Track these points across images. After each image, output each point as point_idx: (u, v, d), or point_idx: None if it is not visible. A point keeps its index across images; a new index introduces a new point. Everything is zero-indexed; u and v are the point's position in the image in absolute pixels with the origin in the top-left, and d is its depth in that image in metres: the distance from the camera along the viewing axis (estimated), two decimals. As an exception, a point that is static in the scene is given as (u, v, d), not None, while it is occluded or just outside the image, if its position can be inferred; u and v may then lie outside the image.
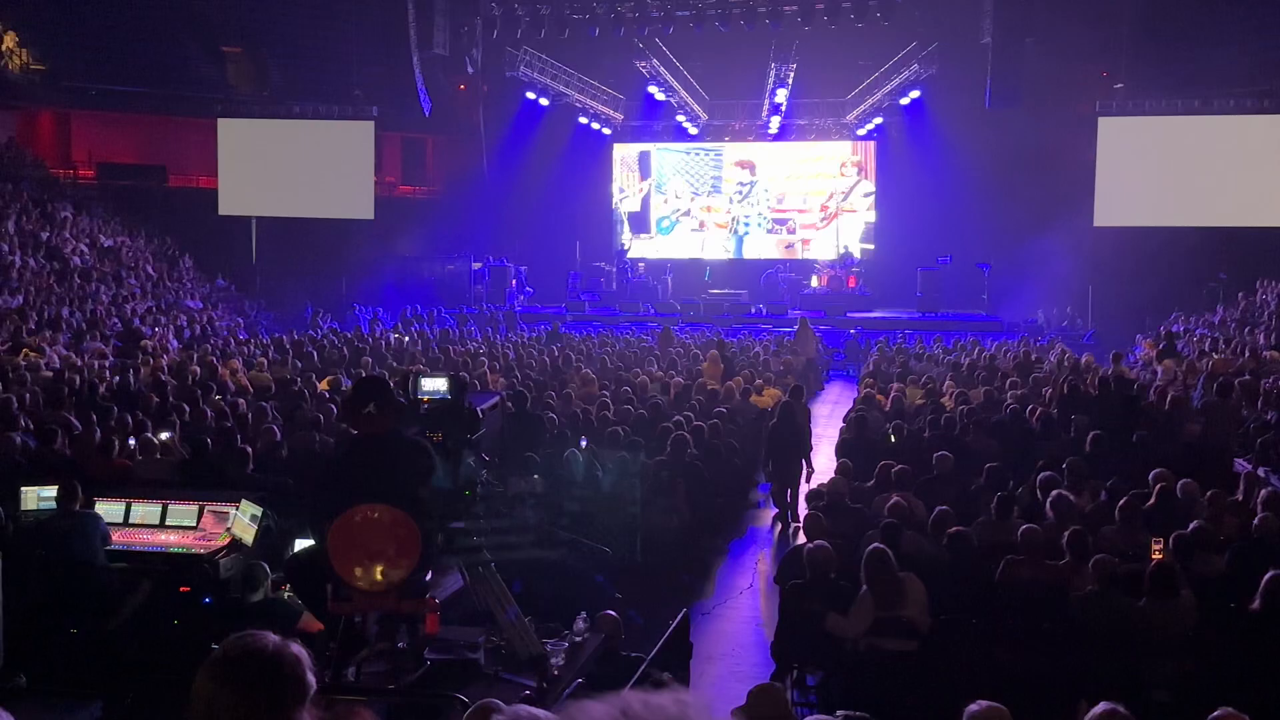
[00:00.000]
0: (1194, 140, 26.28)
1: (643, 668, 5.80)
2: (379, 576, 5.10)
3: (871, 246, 31.60)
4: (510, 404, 11.84)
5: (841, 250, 31.02)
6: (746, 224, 32.52)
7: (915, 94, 28.21)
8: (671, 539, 9.80)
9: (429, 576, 5.35)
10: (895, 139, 30.67)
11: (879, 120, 30.04)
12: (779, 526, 12.28)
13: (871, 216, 31.80)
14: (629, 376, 15.71)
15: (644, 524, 9.51)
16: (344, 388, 13.62)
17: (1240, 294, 24.23)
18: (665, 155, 33.12)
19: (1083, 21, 25.77)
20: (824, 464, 12.56)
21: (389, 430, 5.20)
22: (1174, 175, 26.17)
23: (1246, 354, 17.33)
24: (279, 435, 10.62)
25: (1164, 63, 26.06)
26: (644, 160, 33.30)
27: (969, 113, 27.61)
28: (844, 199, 31.90)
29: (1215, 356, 17.19)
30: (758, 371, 16.97)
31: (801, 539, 8.91)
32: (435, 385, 5.58)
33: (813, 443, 13.25)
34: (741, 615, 9.45)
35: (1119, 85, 27.66)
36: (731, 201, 32.62)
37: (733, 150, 32.58)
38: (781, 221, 32.44)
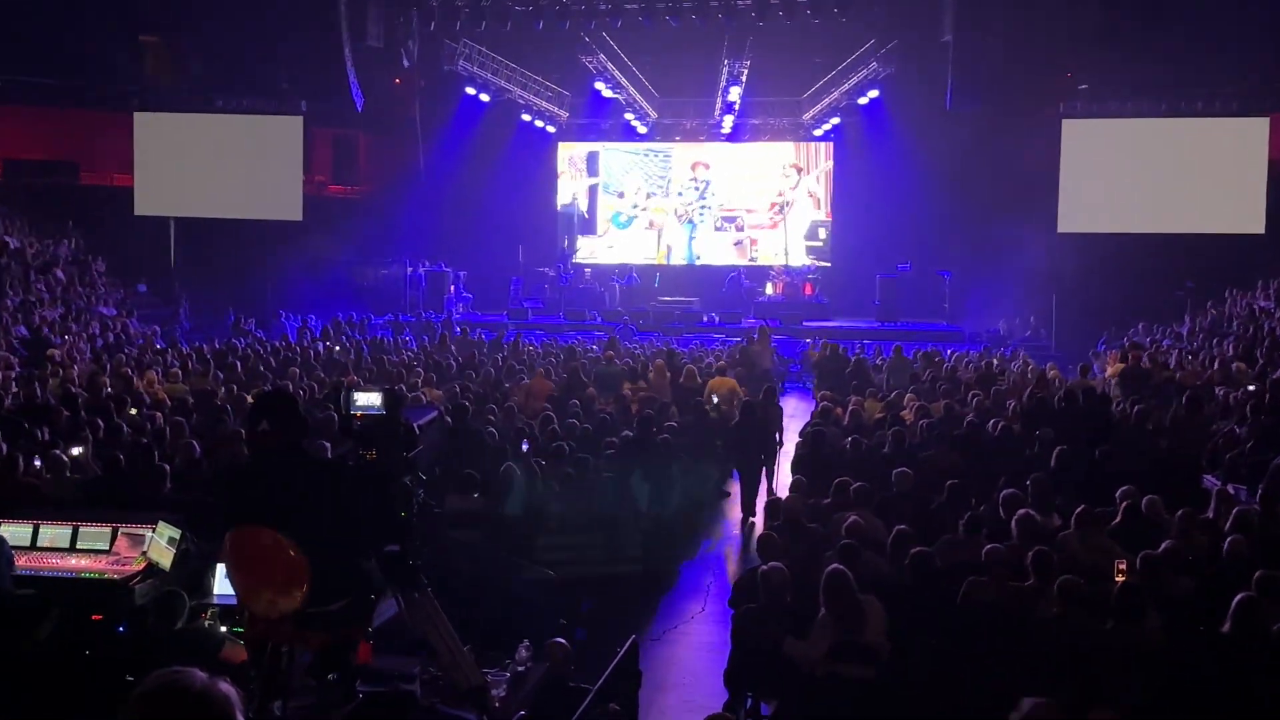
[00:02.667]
0: (1161, 144, 26.76)
1: (589, 699, 5.78)
2: (268, 605, 5.04)
3: (820, 244, 31.85)
4: (449, 419, 11.79)
5: (809, 259, 31.36)
6: (703, 214, 32.68)
7: (873, 93, 28.47)
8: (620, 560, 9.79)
9: (361, 607, 5.28)
10: (853, 140, 30.92)
11: (836, 120, 30.29)
12: (732, 546, 12.35)
13: (818, 215, 32.06)
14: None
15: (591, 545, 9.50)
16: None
17: (1209, 303, 24.68)
18: (614, 156, 33.19)
19: (1046, 20, 26.16)
20: (781, 480, 12.67)
21: (286, 448, 5.13)
22: (1140, 180, 26.62)
23: (1215, 365, 17.65)
24: (199, 451, 10.49)
25: (1129, 64, 26.50)
26: (592, 161, 33.35)
27: (929, 114, 27.92)
28: (789, 205, 32.14)
29: (1183, 368, 17.51)
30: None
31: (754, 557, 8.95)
32: (369, 400, 5.53)
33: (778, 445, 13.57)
34: (693, 641, 9.46)
35: (1083, 86, 28.12)
36: (681, 195, 32.78)
37: (683, 151, 32.75)
38: (730, 219, 32.66)
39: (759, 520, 12.48)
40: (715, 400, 14.97)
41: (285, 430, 5.10)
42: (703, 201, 32.71)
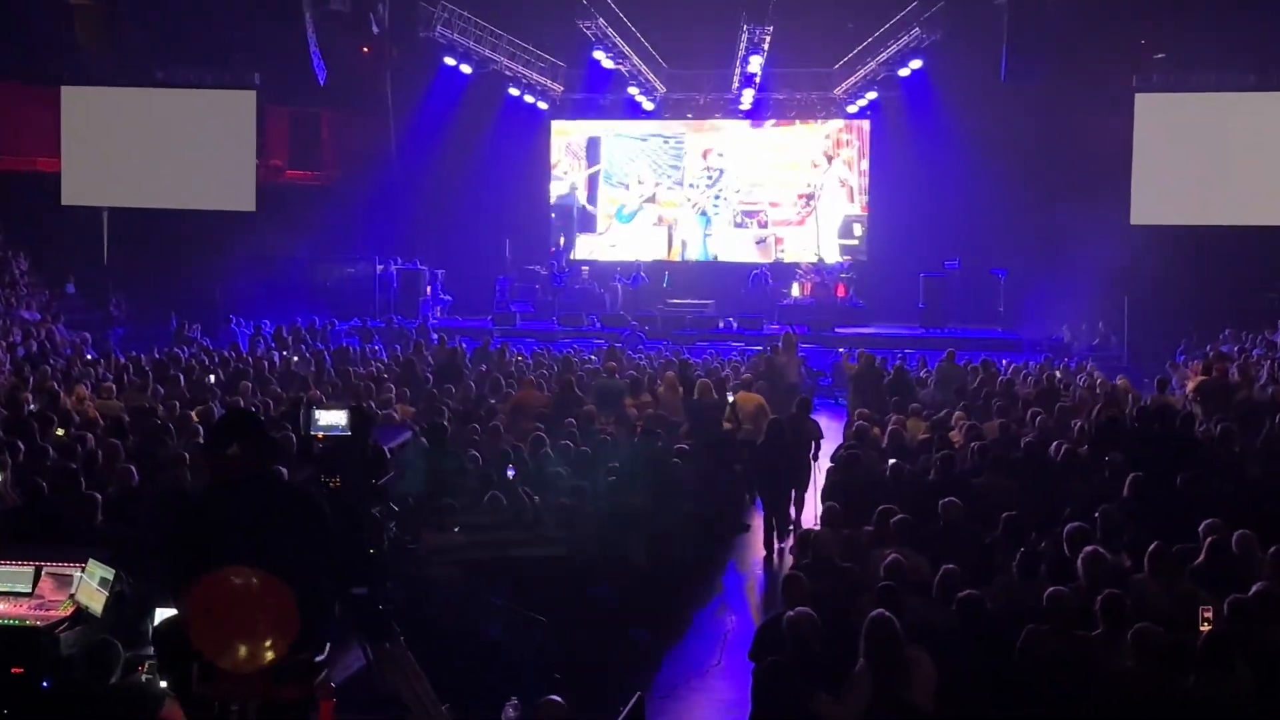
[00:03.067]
0: (1250, 122, 26.72)
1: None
2: (248, 656, 5.03)
3: (855, 241, 31.86)
4: (425, 440, 11.80)
5: (843, 256, 31.37)
6: (717, 206, 32.71)
7: (916, 64, 28.42)
8: (622, 604, 9.79)
9: (323, 655, 5.29)
10: (892, 118, 30.91)
11: (873, 95, 30.28)
12: (754, 587, 12.35)
13: (852, 207, 32.06)
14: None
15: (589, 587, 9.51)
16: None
17: (1307, 307, 24.66)
18: (618, 142, 33.25)
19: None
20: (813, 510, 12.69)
21: (258, 474, 5.14)
22: (1226, 164, 26.58)
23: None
24: (136, 478, 10.49)
25: (1214, 28, 26.47)
26: (592, 148, 33.40)
27: (980, 87, 27.89)
28: (818, 196, 32.14)
29: (1276, 382, 17.47)
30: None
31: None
32: (333, 419, 5.56)
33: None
34: (707, 699, 9.44)
35: (1160, 55, 28.09)
36: (694, 186, 32.82)
37: (696, 137, 32.78)
38: (751, 214, 32.67)
39: (786, 554, 12.49)
40: (733, 405, 15.02)
41: (256, 454, 5.11)
42: (715, 190, 32.73)
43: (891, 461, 12.29)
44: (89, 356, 21.45)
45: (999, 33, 26.84)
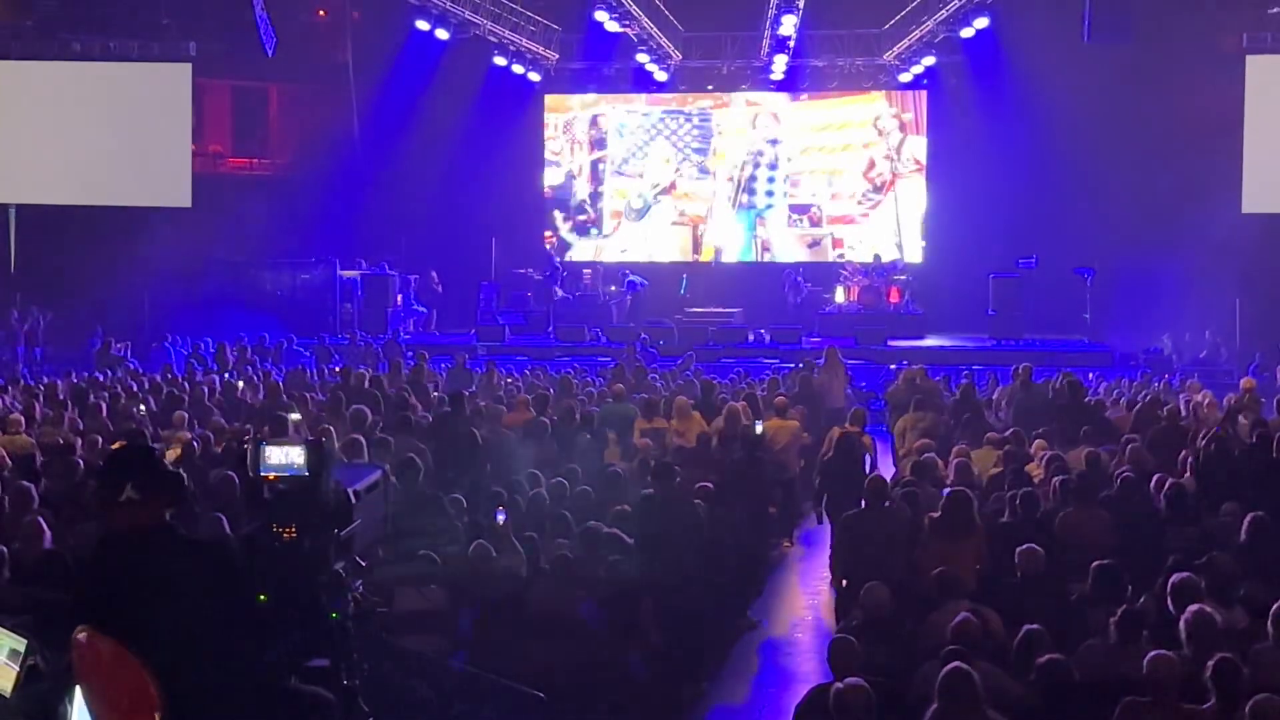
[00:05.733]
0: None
1: None
2: None
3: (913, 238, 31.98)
4: (396, 480, 11.78)
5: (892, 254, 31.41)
6: (754, 199, 32.75)
7: (981, 23, 28.37)
8: (634, 681, 9.76)
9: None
10: (953, 89, 30.96)
11: (930, 61, 30.27)
12: (794, 647, 12.30)
13: (926, 201, 32.13)
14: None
15: (596, 659, 9.48)
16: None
17: None
18: (629, 119, 33.30)
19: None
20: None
21: (155, 524, 5.11)
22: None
23: None
24: (50, 530, 10.48)
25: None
26: (595, 127, 33.40)
27: (1059, 51, 27.84)
28: (884, 186, 32.16)
29: None
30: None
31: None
32: (287, 456, 5.53)
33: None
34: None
35: (1276, 10, 28.06)
36: (721, 175, 32.85)
37: (724, 111, 32.79)
38: (801, 209, 32.65)
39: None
40: (760, 437, 15.02)
41: (156, 499, 5.09)
42: (751, 178, 32.72)
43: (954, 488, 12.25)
44: (-6, 383, 21.49)
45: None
